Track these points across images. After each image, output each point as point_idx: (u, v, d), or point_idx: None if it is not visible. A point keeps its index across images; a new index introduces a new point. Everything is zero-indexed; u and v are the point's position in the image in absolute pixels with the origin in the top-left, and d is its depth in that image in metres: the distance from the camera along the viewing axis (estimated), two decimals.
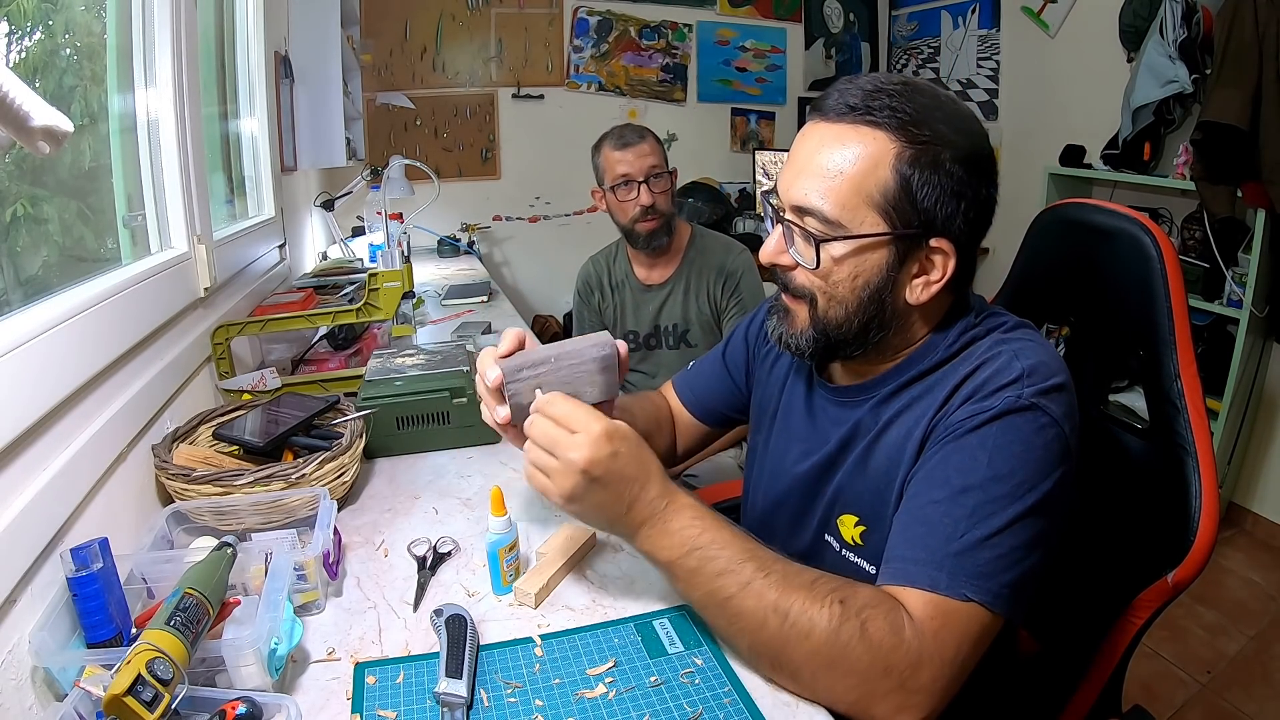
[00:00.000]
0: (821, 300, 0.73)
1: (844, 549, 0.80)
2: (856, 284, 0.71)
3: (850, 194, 0.68)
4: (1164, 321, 0.81)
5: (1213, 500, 0.77)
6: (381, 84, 3.36)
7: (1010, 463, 0.64)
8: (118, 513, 0.83)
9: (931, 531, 0.63)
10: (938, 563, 0.62)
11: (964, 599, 0.61)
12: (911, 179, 0.67)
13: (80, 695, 0.56)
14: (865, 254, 0.70)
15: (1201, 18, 2.27)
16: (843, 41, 3.93)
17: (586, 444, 0.64)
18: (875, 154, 0.67)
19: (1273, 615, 2.08)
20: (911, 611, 0.61)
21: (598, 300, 1.88)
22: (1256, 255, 2.17)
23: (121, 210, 1.17)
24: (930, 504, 0.65)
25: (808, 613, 0.60)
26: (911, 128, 0.67)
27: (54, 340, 0.73)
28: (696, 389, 1.08)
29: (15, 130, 0.54)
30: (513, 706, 0.64)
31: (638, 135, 1.70)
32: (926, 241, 0.69)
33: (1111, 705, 0.86)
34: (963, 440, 0.66)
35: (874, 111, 0.67)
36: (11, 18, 0.89)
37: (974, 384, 0.68)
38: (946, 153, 0.67)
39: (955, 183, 0.67)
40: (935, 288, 0.71)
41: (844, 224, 0.69)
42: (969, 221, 0.70)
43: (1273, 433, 2.43)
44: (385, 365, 1.21)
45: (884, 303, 0.72)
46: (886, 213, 0.68)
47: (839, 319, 0.73)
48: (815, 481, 0.83)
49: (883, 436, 0.75)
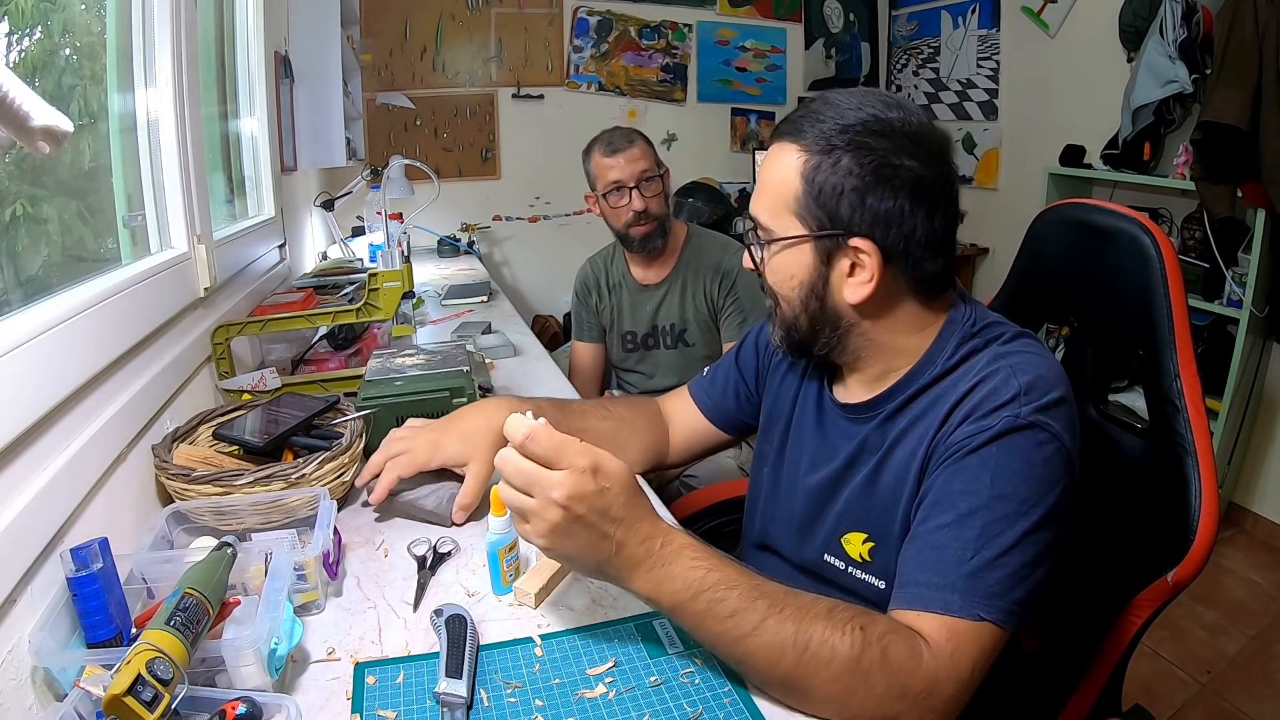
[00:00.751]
0: (781, 302, 0.80)
1: (850, 566, 0.80)
2: (794, 284, 0.77)
3: (774, 202, 0.76)
4: (1164, 321, 0.81)
5: (1213, 500, 0.77)
6: (381, 84, 3.36)
7: (1013, 481, 0.65)
8: (118, 513, 0.83)
9: (941, 556, 0.65)
10: (950, 585, 0.63)
11: (977, 619, 0.62)
12: (813, 183, 0.73)
13: (80, 695, 0.56)
14: (791, 255, 0.76)
15: (1201, 18, 2.27)
16: (843, 41, 3.94)
17: (569, 480, 0.61)
18: (788, 164, 0.74)
19: (1273, 615, 2.08)
20: (927, 635, 0.62)
21: (595, 301, 1.88)
22: (1256, 255, 2.17)
23: (121, 210, 1.17)
24: (938, 528, 0.66)
25: (829, 641, 0.60)
26: (819, 138, 0.73)
27: (54, 340, 0.73)
28: (714, 396, 1.08)
29: (15, 130, 0.54)
30: (513, 706, 0.64)
31: (626, 140, 1.68)
32: (846, 242, 0.73)
33: (1111, 705, 0.86)
34: (964, 462, 0.67)
35: (796, 128, 0.75)
36: (11, 18, 0.89)
37: (972, 402, 0.70)
38: (846, 158, 0.71)
39: (857, 183, 0.71)
40: (867, 287, 0.74)
41: (773, 229, 0.77)
42: (887, 224, 0.72)
43: (1273, 433, 2.43)
44: (385, 365, 1.21)
45: (823, 301, 0.77)
46: (801, 216, 0.75)
47: (791, 316, 0.80)
48: (824, 495, 0.84)
49: (891, 455, 0.76)
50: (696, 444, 1.10)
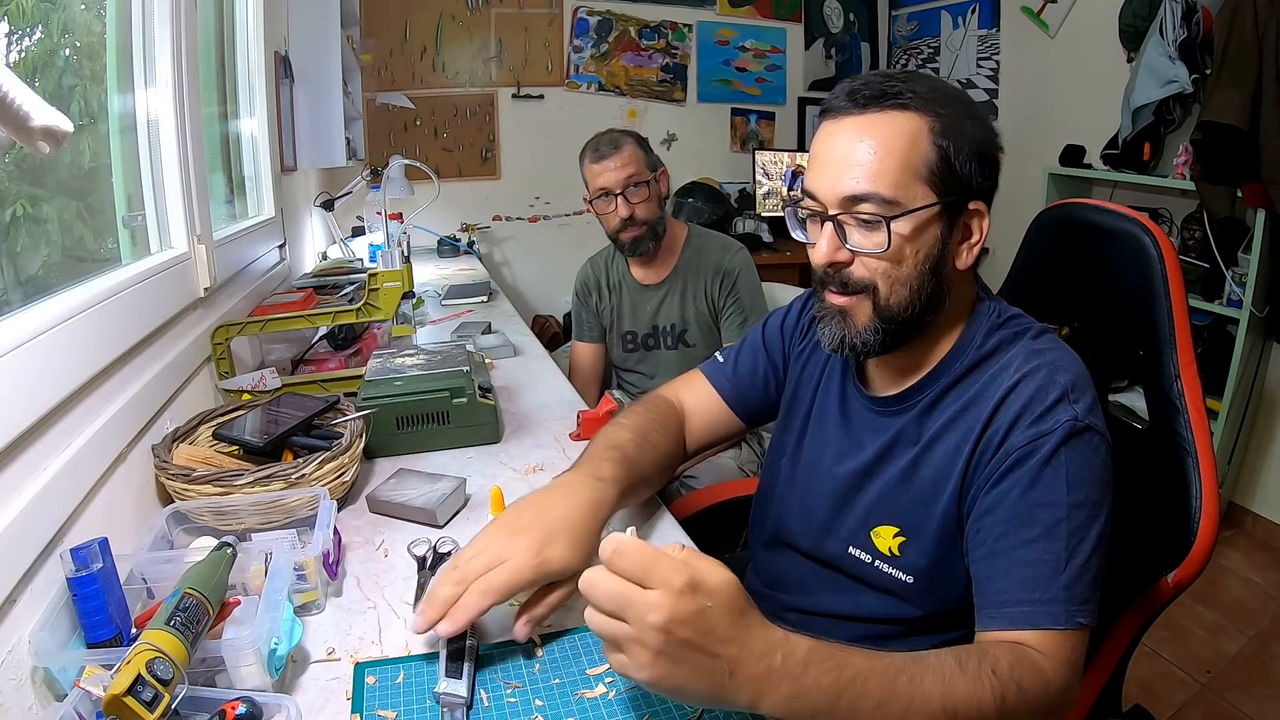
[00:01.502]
0: (884, 287, 0.74)
1: (878, 560, 0.80)
2: (919, 258, 0.74)
3: (900, 172, 0.71)
4: (1164, 321, 0.81)
5: (1213, 500, 0.77)
6: (381, 84, 3.36)
7: (1085, 488, 0.67)
8: (118, 513, 0.83)
9: (1039, 572, 0.66)
10: (1053, 600, 0.65)
11: (1080, 627, 0.65)
12: (948, 148, 0.72)
13: (80, 695, 0.56)
14: (924, 227, 0.73)
15: (1201, 18, 2.27)
16: (843, 41, 3.93)
17: (665, 601, 0.52)
18: (913, 131, 0.72)
19: (1273, 615, 2.08)
20: (1041, 650, 0.64)
21: (595, 302, 1.88)
22: (1256, 255, 2.17)
23: (121, 210, 1.17)
24: (1026, 544, 0.67)
25: (975, 697, 0.60)
26: (935, 104, 0.72)
27: (54, 340, 0.73)
28: (739, 385, 1.02)
29: (15, 130, 0.54)
30: (513, 706, 0.64)
31: (612, 146, 1.67)
32: (966, 205, 0.74)
33: (1111, 705, 0.86)
34: (1040, 473, 0.68)
35: (898, 96, 0.72)
36: (11, 17, 0.89)
37: (1019, 403, 0.70)
38: (966, 121, 0.73)
39: (978, 145, 0.74)
40: (976, 249, 0.76)
41: (901, 202, 0.72)
42: (994, 181, 0.76)
43: (1273, 433, 2.43)
44: (385, 365, 1.21)
45: (941, 274, 0.75)
46: (934, 184, 0.72)
47: (903, 301, 0.75)
48: (851, 488, 0.83)
49: (931, 449, 0.76)
50: (714, 434, 1.04)
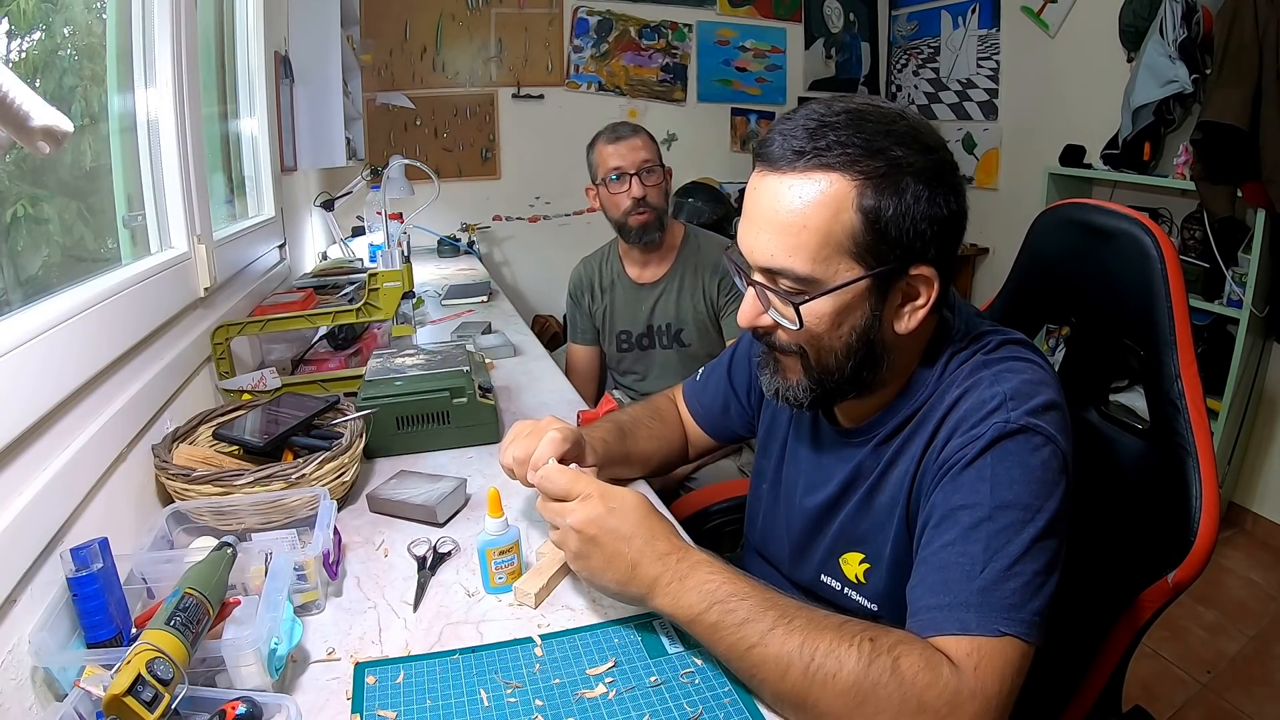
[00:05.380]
0: (811, 353, 0.71)
1: (846, 587, 0.80)
2: (843, 331, 0.69)
3: (819, 246, 0.64)
4: (1164, 321, 0.80)
5: (1213, 500, 0.76)
6: (381, 84, 3.36)
7: (1013, 489, 0.62)
8: (118, 513, 0.83)
9: (949, 575, 0.61)
10: (963, 604, 0.60)
11: (998, 634, 0.58)
12: (877, 214, 0.63)
13: (80, 695, 0.56)
14: (847, 302, 0.67)
15: (1201, 18, 2.27)
16: (843, 41, 3.93)
17: (579, 506, 0.70)
18: (835, 197, 0.63)
19: (1273, 615, 2.08)
20: (951, 656, 0.59)
21: (589, 303, 1.88)
22: (1256, 255, 2.16)
23: (121, 210, 1.17)
24: (942, 548, 0.63)
25: (835, 652, 0.58)
26: (866, 160, 0.63)
27: (54, 340, 0.73)
28: (705, 405, 1.06)
29: (15, 130, 0.54)
30: (513, 706, 0.64)
31: (631, 130, 1.72)
32: (906, 271, 0.67)
33: (1111, 705, 0.86)
34: (960, 476, 0.64)
35: (823, 152, 0.63)
36: (12, 18, 0.89)
37: (957, 416, 0.68)
38: (907, 177, 0.64)
39: (923, 205, 0.64)
40: (922, 312, 0.69)
41: (819, 279, 0.66)
42: (943, 241, 0.67)
43: (1273, 433, 2.43)
44: (385, 365, 1.21)
45: (873, 341, 0.70)
46: (860, 256, 0.65)
47: (832, 366, 0.71)
48: (820, 518, 0.83)
49: (886, 476, 0.75)
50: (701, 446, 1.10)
